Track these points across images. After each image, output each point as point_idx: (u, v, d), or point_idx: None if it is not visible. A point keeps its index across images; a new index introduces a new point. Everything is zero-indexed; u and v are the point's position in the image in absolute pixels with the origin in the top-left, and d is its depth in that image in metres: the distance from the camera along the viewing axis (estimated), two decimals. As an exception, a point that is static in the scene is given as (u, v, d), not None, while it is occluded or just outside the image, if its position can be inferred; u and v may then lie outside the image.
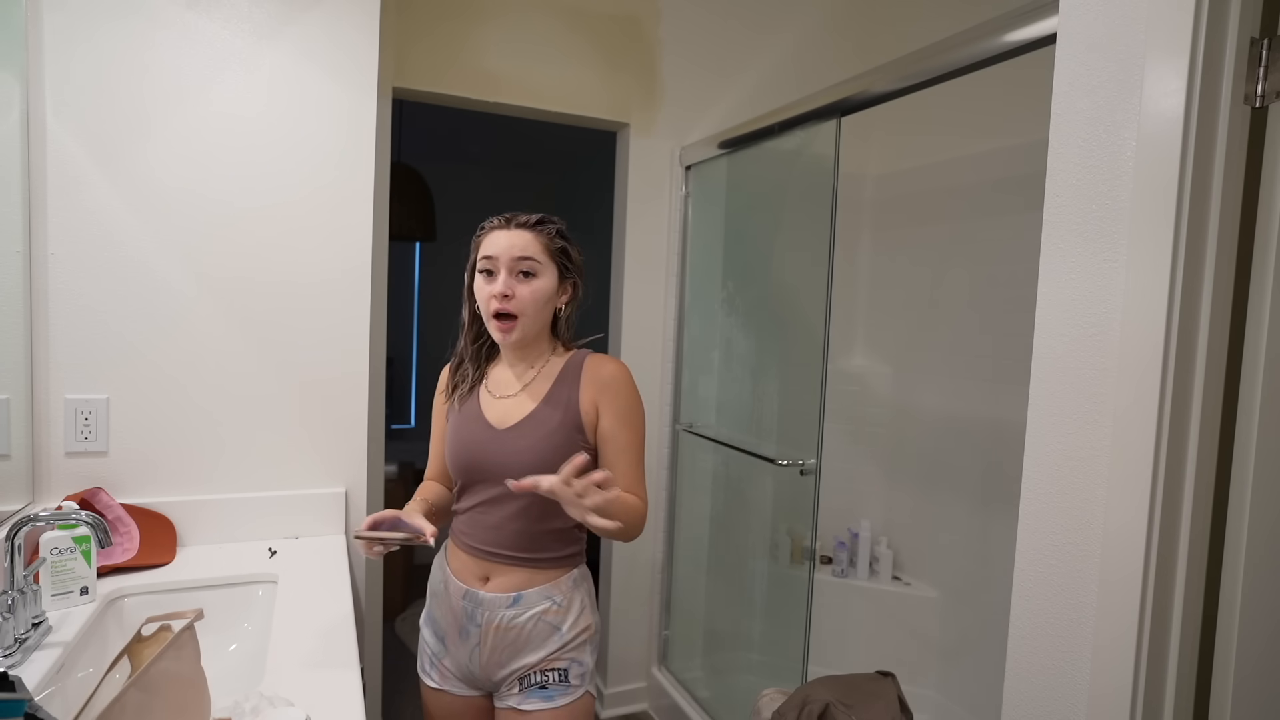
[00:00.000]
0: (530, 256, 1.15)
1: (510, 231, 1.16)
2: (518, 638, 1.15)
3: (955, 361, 2.27)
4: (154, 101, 1.40)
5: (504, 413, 1.19)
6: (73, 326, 1.37)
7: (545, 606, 1.16)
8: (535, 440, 1.15)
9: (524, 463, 1.12)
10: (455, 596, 1.19)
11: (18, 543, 1.06)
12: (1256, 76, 0.86)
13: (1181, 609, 0.88)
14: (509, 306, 1.14)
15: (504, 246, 1.15)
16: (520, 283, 1.15)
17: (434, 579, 1.26)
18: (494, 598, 1.16)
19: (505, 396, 1.21)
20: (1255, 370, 0.88)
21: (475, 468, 1.18)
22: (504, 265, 1.14)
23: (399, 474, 3.21)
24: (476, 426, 1.19)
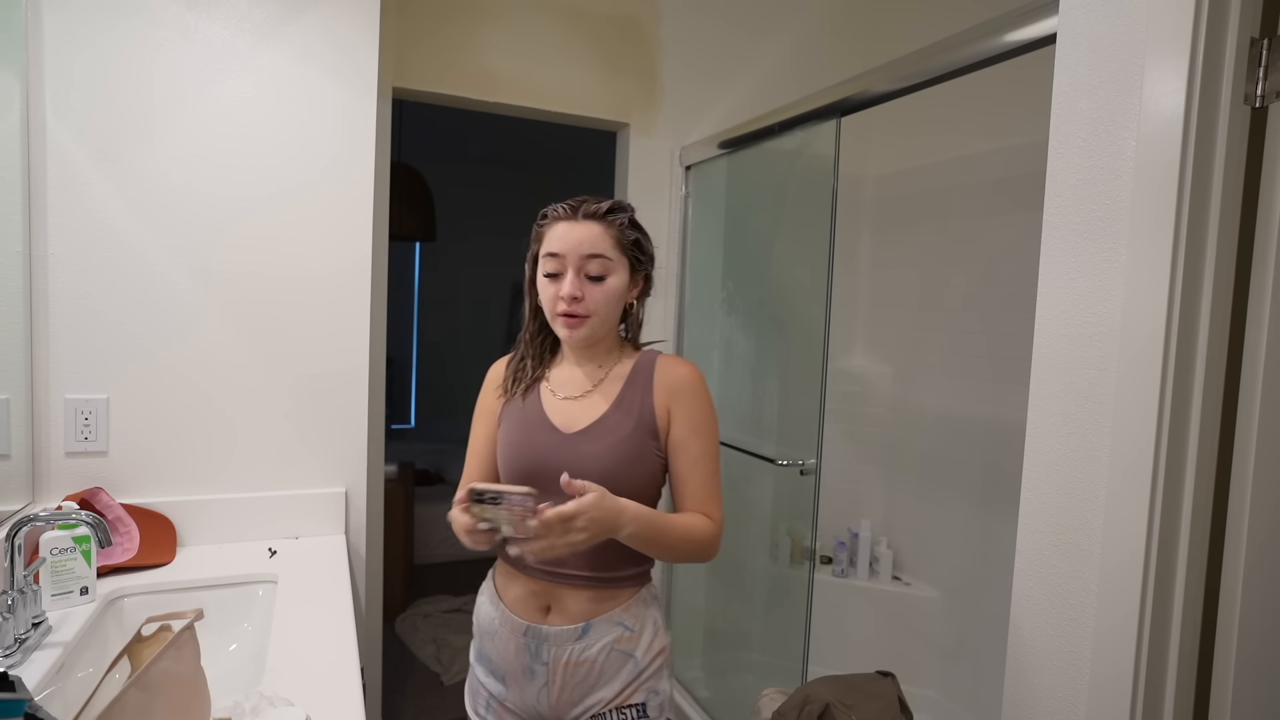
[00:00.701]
0: (601, 254, 1.03)
1: (577, 224, 1.03)
2: (590, 672, 1.05)
3: (955, 361, 2.27)
4: (154, 101, 1.40)
5: (570, 415, 1.07)
6: (73, 326, 1.37)
7: (616, 635, 1.05)
8: (606, 447, 1.04)
9: (594, 471, 1.00)
10: (514, 634, 1.07)
11: (18, 543, 1.06)
12: (1256, 76, 0.86)
13: (1181, 609, 0.88)
14: (578, 309, 1.03)
15: (572, 243, 1.02)
16: (591, 284, 1.03)
17: (483, 615, 1.13)
18: (559, 631, 1.05)
19: (571, 398, 1.09)
20: (1255, 369, 0.88)
21: (538, 475, 1.02)
22: (571, 264, 1.03)
23: (399, 474, 3.21)
24: (539, 430, 1.07)
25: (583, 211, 1.04)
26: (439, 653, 2.79)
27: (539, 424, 1.08)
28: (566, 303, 1.03)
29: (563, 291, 1.03)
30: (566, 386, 1.11)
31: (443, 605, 3.19)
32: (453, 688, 2.59)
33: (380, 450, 1.93)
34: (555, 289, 1.04)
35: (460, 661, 2.71)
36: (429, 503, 3.77)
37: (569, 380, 1.12)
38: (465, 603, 3.22)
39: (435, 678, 2.65)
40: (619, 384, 1.09)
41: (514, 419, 1.11)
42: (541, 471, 1.03)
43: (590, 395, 1.09)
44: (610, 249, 1.04)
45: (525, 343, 1.16)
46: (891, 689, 1.16)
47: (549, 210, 1.08)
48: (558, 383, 1.12)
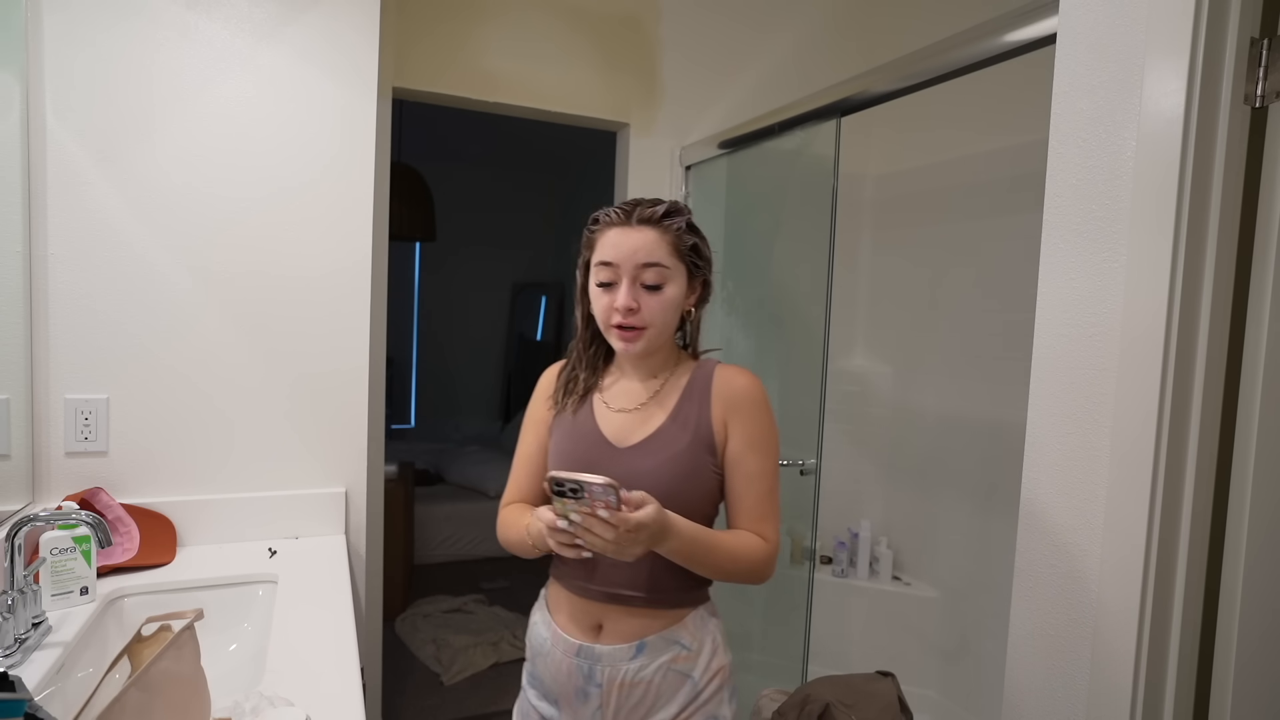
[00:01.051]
0: (657, 262, 0.96)
1: (631, 230, 0.97)
2: (645, 693, 1.00)
3: (955, 361, 2.27)
4: (154, 101, 1.40)
5: (624, 429, 1.03)
6: (73, 326, 1.37)
7: (673, 654, 1.00)
8: (661, 462, 0.99)
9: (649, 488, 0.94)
10: (565, 655, 1.03)
11: (18, 543, 1.06)
12: (1256, 76, 0.86)
13: (1181, 608, 0.88)
14: (634, 320, 0.97)
15: (626, 251, 0.96)
16: (647, 294, 0.97)
17: (536, 635, 1.09)
18: (613, 650, 1.00)
19: (625, 410, 1.04)
20: (1255, 369, 0.88)
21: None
22: (626, 274, 0.97)
23: (399, 474, 3.21)
24: (591, 443, 1.03)
25: (637, 216, 0.98)
26: (439, 653, 2.79)
27: (591, 437, 1.03)
28: (621, 314, 0.97)
29: (617, 303, 0.97)
30: (620, 398, 1.06)
31: (442, 605, 3.19)
32: (453, 688, 2.59)
33: (380, 450, 1.93)
34: (609, 299, 0.98)
35: (460, 661, 2.71)
36: (429, 503, 3.77)
37: (623, 391, 1.07)
38: (465, 603, 3.22)
39: (435, 678, 2.65)
40: (675, 396, 1.03)
41: (565, 431, 1.06)
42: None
43: (645, 407, 1.04)
44: (667, 256, 0.97)
45: (577, 352, 1.10)
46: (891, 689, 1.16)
47: (600, 215, 1.01)
48: (611, 394, 1.07)
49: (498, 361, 5.53)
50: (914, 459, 2.43)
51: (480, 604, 3.25)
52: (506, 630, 2.97)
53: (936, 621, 2.32)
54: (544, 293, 5.25)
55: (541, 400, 1.13)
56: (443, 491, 3.99)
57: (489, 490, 3.92)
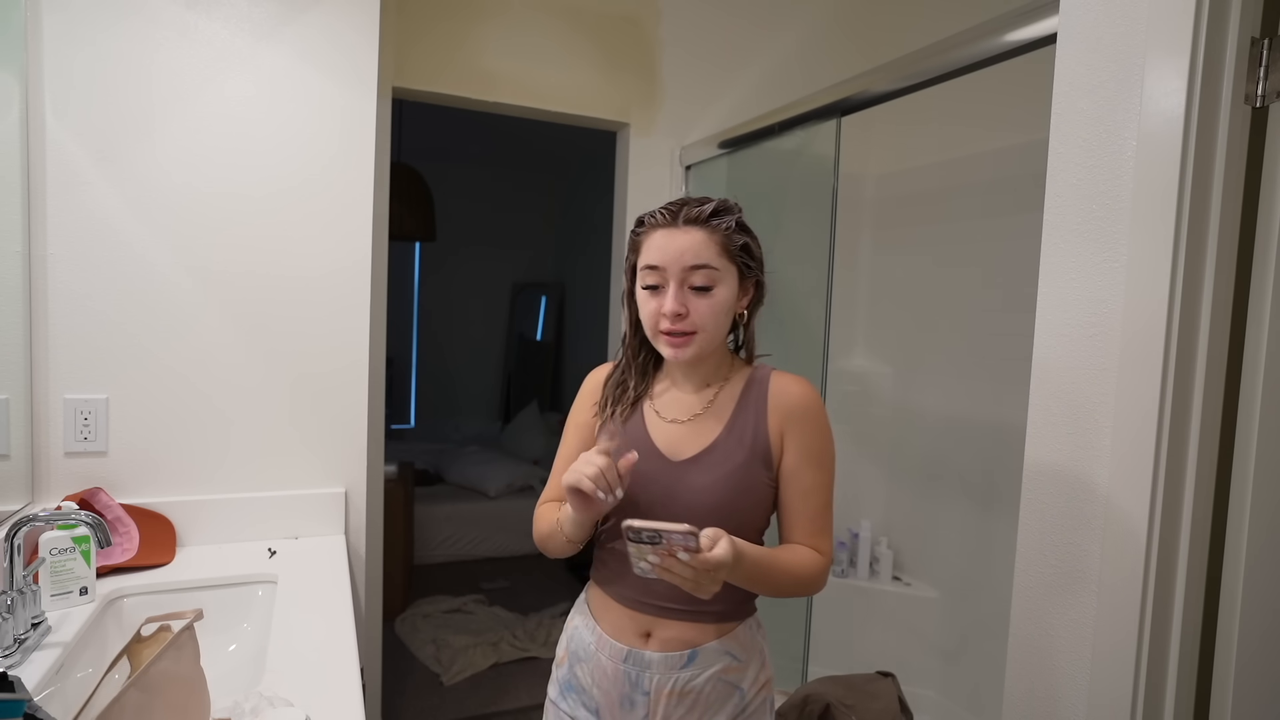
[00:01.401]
0: (705, 263, 0.92)
1: (678, 231, 0.93)
2: (695, 704, 0.97)
3: (956, 362, 2.27)
4: (153, 101, 1.40)
5: (678, 440, 0.99)
6: (72, 326, 1.37)
7: (724, 664, 0.98)
8: (718, 478, 0.95)
9: (703, 504, 0.94)
10: (612, 660, 0.99)
11: (17, 543, 1.06)
12: (1257, 76, 0.86)
13: (1182, 609, 0.88)
14: (683, 326, 0.93)
15: (673, 254, 0.92)
16: (696, 297, 0.93)
17: (578, 639, 1.04)
18: (664, 657, 0.97)
19: (678, 421, 1.00)
20: (1255, 369, 0.88)
21: (639, 505, 0.95)
22: (674, 277, 0.92)
23: (399, 474, 3.20)
24: (643, 455, 0.96)
25: (683, 217, 0.93)
26: (439, 653, 2.79)
27: (642, 449, 0.97)
28: (670, 320, 0.93)
29: (665, 308, 0.93)
30: (673, 407, 1.01)
31: (442, 605, 3.19)
32: (453, 688, 2.59)
33: (380, 450, 1.93)
34: (656, 304, 0.94)
35: (460, 662, 2.71)
36: (429, 503, 3.76)
37: (675, 401, 1.02)
38: (465, 603, 3.22)
39: (435, 678, 2.65)
40: (730, 406, 0.99)
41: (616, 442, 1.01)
42: (647, 502, 0.95)
43: (699, 419, 0.99)
44: (716, 257, 0.93)
45: (626, 359, 1.06)
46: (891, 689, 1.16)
47: (645, 217, 0.97)
48: (663, 403, 1.02)
49: (498, 361, 5.53)
50: (914, 459, 2.43)
51: (480, 604, 3.25)
52: (506, 630, 2.97)
53: (936, 621, 2.32)
54: (544, 293, 5.25)
55: (587, 404, 1.08)
56: (442, 491, 3.99)
57: (489, 490, 3.92)
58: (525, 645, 2.85)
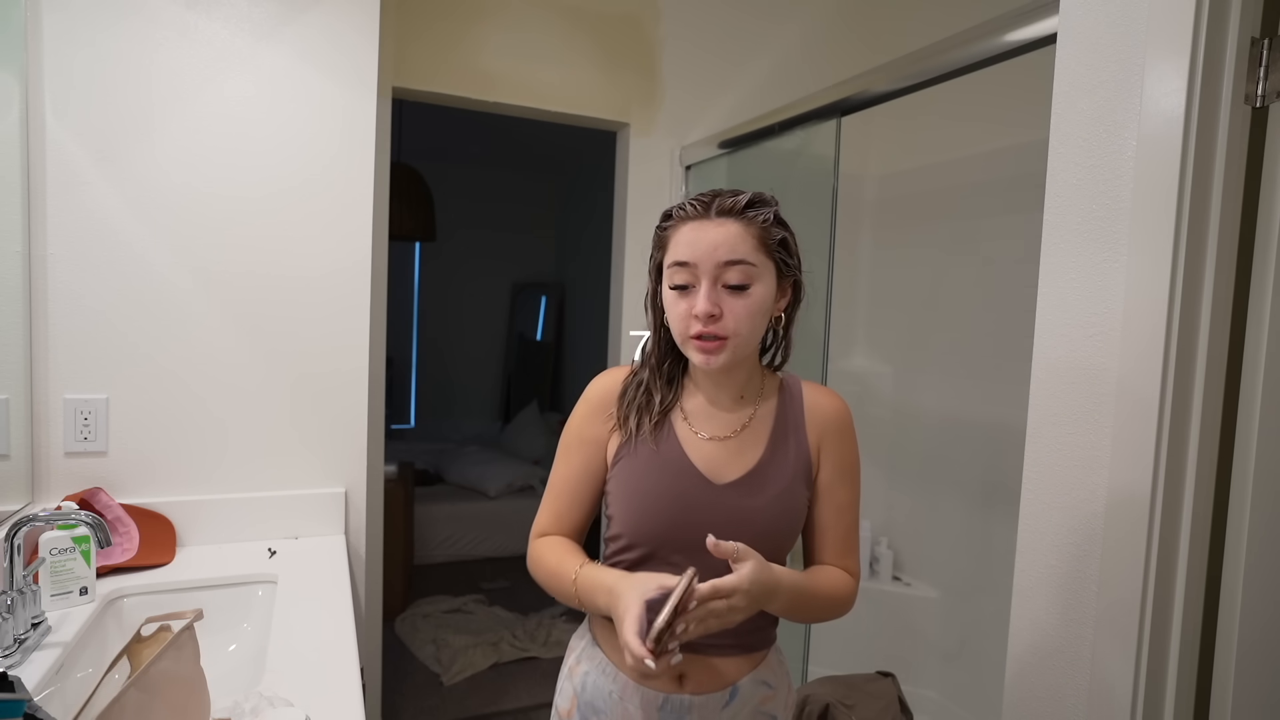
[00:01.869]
0: (743, 259, 0.83)
1: (711, 224, 0.84)
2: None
3: (956, 362, 2.27)
4: (153, 101, 1.40)
5: (719, 461, 0.90)
6: (72, 326, 1.37)
7: (761, 695, 0.92)
8: (767, 501, 0.88)
9: (752, 530, 0.86)
10: (644, 709, 0.89)
11: (17, 543, 1.06)
12: (1257, 76, 0.86)
13: (1182, 609, 0.88)
14: (716, 329, 0.84)
15: (706, 248, 0.83)
16: (731, 296, 0.84)
17: (593, 689, 0.92)
18: (704, 700, 0.89)
19: (718, 438, 0.91)
20: (1255, 369, 0.87)
21: (683, 535, 0.86)
22: (706, 274, 0.83)
23: (399, 474, 3.20)
24: (684, 477, 0.88)
25: (717, 208, 0.84)
26: (439, 653, 2.79)
27: (682, 471, 0.88)
28: (702, 321, 0.84)
29: (697, 308, 0.83)
30: (709, 423, 0.92)
31: (442, 605, 3.19)
32: (452, 688, 2.59)
33: (380, 450, 1.93)
34: (687, 305, 0.85)
35: (460, 662, 2.71)
36: (429, 503, 3.76)
37: (710, 416, 0.92)
38: (465, 603, 3.22)
39: (435, 678, 2.65)
40: (769, 421, 0.92)
41: (646, 462, 0.90)
42: (688, 530, 0.85)
43: (740, 436, 0.91)
44: (753, 252, 0.84)
45: (650, 369, 0.94)
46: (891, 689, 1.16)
47: (674, 210, 0.88)
48: (697, 418, 0.92)
49: (497, 362, 5.53)
50: (914, 459, 2.43)
51: (480, 604, 3.25)
52: (506, 631, 2.97)
53: (936, 622, 2.32)
54: (544, 292, 5.25)
55: (597, 417, 0.94)
56: (442, 492, 3.99)
57: (489, 490, 3.93)
58: (525, 645, 2.85)
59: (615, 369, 0.98)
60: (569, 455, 0.95)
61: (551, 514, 0.95)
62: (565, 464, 0.95)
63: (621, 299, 2.33)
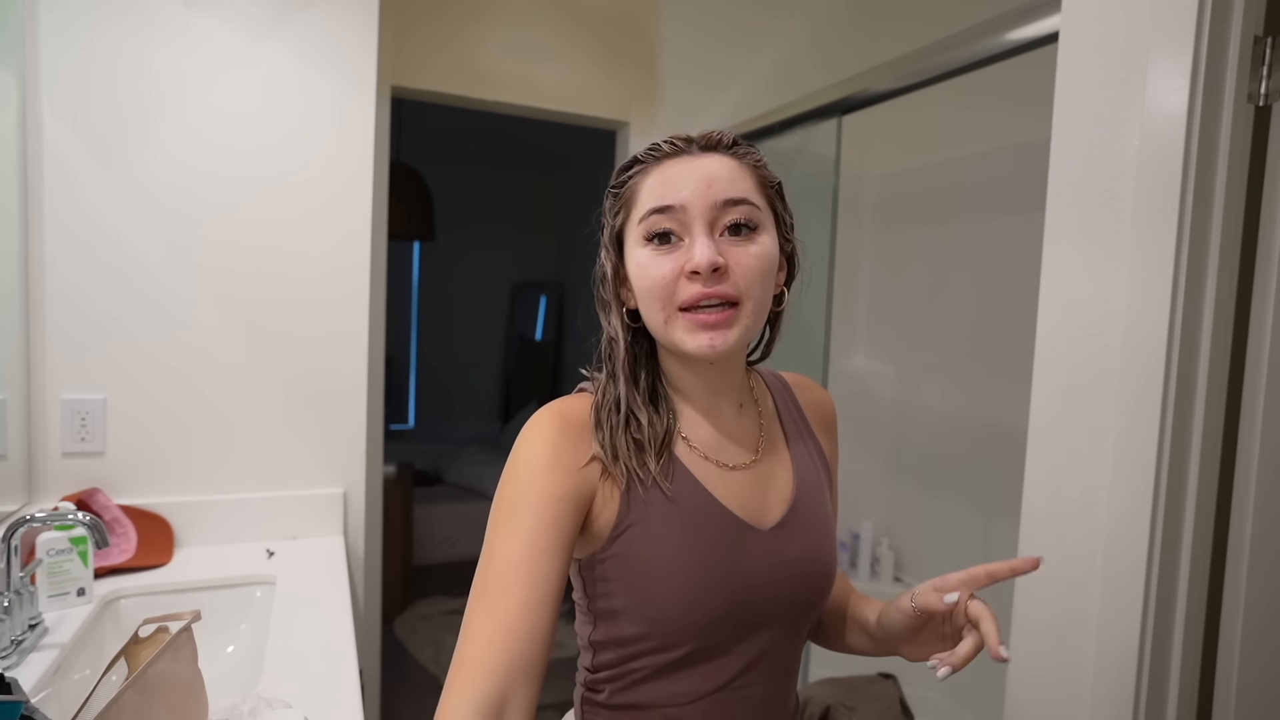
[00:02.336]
0: (744, 198, 0.62)
1: (697, 158, 0.64)
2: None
3: (957, 362, 2.27)
4: (151, 100, 1.39)
5: (754, 497, 0.67)
6: (70, 326, 1.37)
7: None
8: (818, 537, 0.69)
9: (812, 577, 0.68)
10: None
11: (14, 544, 1.05)
12: (1260, 75, 0.85)
13: (1184, 611, 0.88)
14: (723, 289, 0.60)
15: (697, 183, 0.62)
16: (735, 245, 0.62)
17: None
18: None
19: (742, 465, 0.68)
20: (1258, 370, 0.87)
21: (741, 610, 0.63)
22: (700, 216, 0.61)
23: (398, 474, 3.20)
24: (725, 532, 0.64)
25: (701, 142, 0.65)
26: (438, 654, 2.78)
27: (719, 522, 0.64)
28: (703, 279, 0.60)
29: (694, 260, 0.60)
30: (721, 449, 0.68)
31: (442, 606, 3.18)
32: (452, 689, 2.58)
33: (379, 451, 1.92)
34: (674, 263, 0.61)
35: (459, 662, 2.70)
36: (428, 503, 3.76)
37: (717, 440, 0.68)
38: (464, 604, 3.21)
39: (434, 679, 2.65)
40: (778, 429, 0.73)
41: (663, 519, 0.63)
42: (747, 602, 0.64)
43: (765, 459, 0.70)
44: (754, 192, 0.64)
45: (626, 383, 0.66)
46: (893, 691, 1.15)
47: (639, 154, 0.67)
48: (703, 441, 0.68)
49: (497, 362, 5.52)
50: (915, 459, 2.43)
51: (479, 604, 3.24)
52: (506, 631, 2.96)
53: (937, 622, 2.31)
54: (544, 292, 5.25)
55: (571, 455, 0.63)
56: (442, 492, 3.99)
57: (488, 490, 3.92)
58: None
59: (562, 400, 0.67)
60: (522, 522, 0.60)
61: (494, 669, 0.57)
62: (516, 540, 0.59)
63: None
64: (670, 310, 0.62)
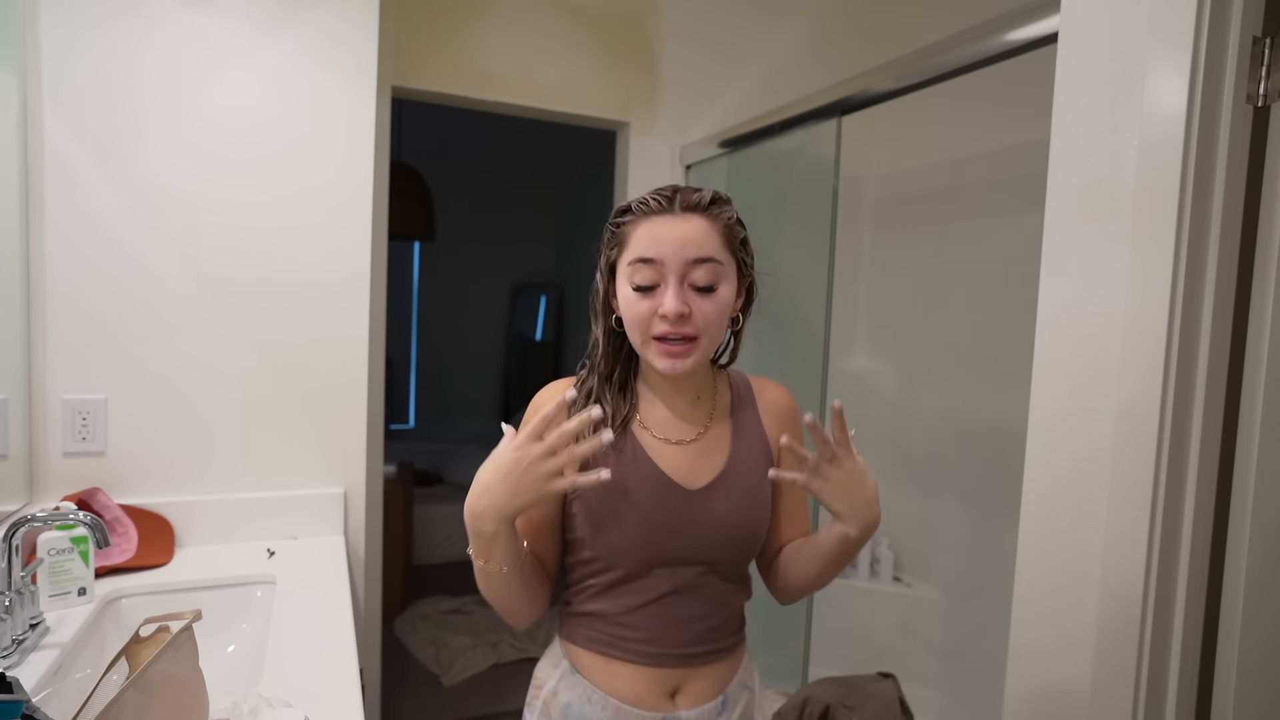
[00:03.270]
0: (711, 256, 0.80)
1: (678, 219, 0.80)
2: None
3: (957, 362, 2.27)
4: (152, 100, 1.39)
5: (688, 466, 0.87)
6: (71, 326, 1.37)
7: (745, 699, 0.93)
8: (743, 501, 0.88)
9: (729, 531, 0.87)
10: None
11: (15, 543, 1.05)
12: (1259, 76, 0.85)
13: (1183, 610, 0.88)
14: (686, 329, 0.80)
15: (673, 244, 0.79)
16: (698, 296, 0.81)
17: (577, 715, 0.88)
18: (700, 712, 0.88)
19: (683, 442, 0.88)
20: (1257, 370, 0.87)
21: (663, 545, 0.84)
22: (674, 271, 0.79)
23: (398, 474, 3.20)
24: (656, 486, 0.85)
25: (681, 202, 0.81)
26: (438, 654, 2.78)
27: (655, 480, 0.85)
28: (670, 321, 0.79)
29: (664, 308, 0.79)
30: (669, 428, 0.89)
31: (442, 606, 3.19)
32: (452, 689, 2.59)
33: (379, 450, 1.92)
34: (650, 305, 0.80)
35: (459, 662, 2.71)
36: (428, 503, 3.76)
37: (668, 421, 0.89)
38: (464, 604, 3.22)
39: (434, 679, 2.65)
40: (727, 420, 0.91)
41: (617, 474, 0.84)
42: (668, 542, 0.85)
43: (704, 438, 0.89)
44: (719, 249, 0.81)
45: (600, 377, 0.90)
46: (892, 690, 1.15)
47: (633, 204, 0.84)
48: (656, 424, 0.89)
49: (497, 361, 5.52)
50: (915, 459, 2.43)
51: (479, 605, 3.24)
52: (506, 631, 2.96)
53: (937, 622, 2.31)
54: (544, 292, 5.25)
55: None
56: (442, 492, 3.99)
57: (488, 490, 3.92)
58: (525, 646, 2.85)
59: (558, 381, 0.93)
60: None
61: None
62: None
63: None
64: (646, 337, 0.83)
